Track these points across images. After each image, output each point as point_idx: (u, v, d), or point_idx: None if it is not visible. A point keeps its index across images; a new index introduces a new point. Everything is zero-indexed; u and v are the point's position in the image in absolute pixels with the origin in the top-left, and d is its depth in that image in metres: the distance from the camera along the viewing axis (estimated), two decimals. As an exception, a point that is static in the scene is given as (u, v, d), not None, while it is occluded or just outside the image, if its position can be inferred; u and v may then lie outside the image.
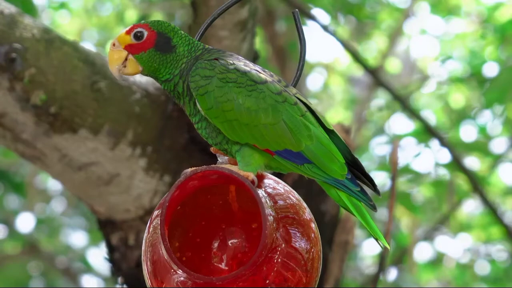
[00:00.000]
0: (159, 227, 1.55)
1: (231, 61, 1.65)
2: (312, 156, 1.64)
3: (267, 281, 1.57)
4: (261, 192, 1.61)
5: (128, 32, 1.66)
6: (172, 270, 1.57)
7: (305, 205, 1.68)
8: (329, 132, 1.68)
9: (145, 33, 1.66)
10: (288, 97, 1.65)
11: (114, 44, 1.66)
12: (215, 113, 1.62)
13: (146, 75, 1.68)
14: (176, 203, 1.59)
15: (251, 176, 1.60)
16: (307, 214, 1.66)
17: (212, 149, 1.73)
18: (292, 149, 1.63)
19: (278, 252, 1.58)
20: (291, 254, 1.59)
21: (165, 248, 1.53)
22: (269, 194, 1.65)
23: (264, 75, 1.65)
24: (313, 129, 1.65)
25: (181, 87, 1.66)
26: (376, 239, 1.67)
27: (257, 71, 1.65)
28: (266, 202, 1.59)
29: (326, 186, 1.67)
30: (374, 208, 1.67)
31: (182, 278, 1.56)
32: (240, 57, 1.68)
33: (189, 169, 1.60)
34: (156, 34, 1.66)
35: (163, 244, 1.53)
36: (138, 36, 1.66)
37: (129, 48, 1.66)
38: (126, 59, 1.66)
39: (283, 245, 1.59)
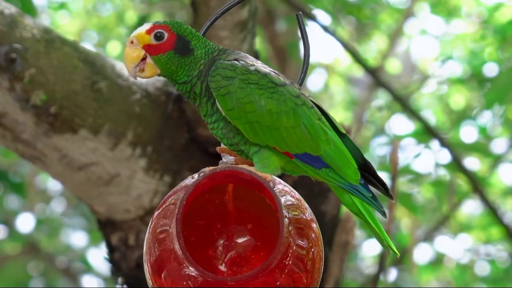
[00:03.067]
0: (174, 224, 1.53)
1: (250, 62, 1.63)
2: (330, 160, 1.63)
3: (278, 283, 1.57)
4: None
5: (148, 32, 1.62)
6: (183, 267, 1.56)
7: (306, 205, 1.67)
8: (342, 135, 1.67)
9: (166, 35, 1.62)
10: (306, 101, 1.64)
11: (132, 42, 1.62)
12: (237, 114, 1.60)
13: (162, 76, 1.65)
14: (189, 202, 1.58)
15: (269, 177, 1.59)
16: (308, 214, 1.66)
17: (218, 149, 1.72)
18: (311, 153, 1.63)
19: (289, 255, 1.58)
20: (295, 256, 1.59)
21: (180, 247, 1.52)
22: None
23: (282, 78, 1.64)
24: (329, 133, 1.64)
25: (199, 87, 1.63)
26: (386, 247, 1.67)
27: (275, 73, 1.65)
28: (283, 205, 1.58)
29: (340, 191, 1.66)
30: (384, 214, 1.66)
31: (193, 275, 1.55)
32: (254, 59, 1.67)
33: (207, 168, 1.59)
34: (176, 36, 1.63)
35: (179, 243, 1.52)
36: (158, 37, 1.62)
37: (148, 48, 1.62)
38: (143, 59, 1.62)
39: (294, 247, 1.59)
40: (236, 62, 1.62)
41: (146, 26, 1.63)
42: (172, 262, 1.57)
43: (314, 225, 1.65)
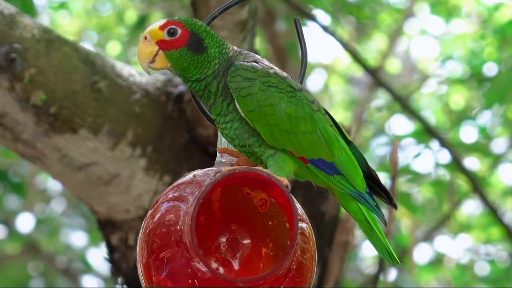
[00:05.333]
0: (187, 221, 1.51)
1: (269, 65, 1.63)
2: (342, 167, 1.64)
3: (281, 286, 1.57)
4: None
5: (162, 28, 1.62)
6: (188, 265, 1.55)
7: (297, 205, 1.67)
8: (348, 143, 1.68)
9: (179, 31, 1.62)
10: (320, 107, 1.65)
11: (145, 38, 1.62)
12: (257, 116, 1.60)
13: (173, 72, 1.65)
14: (205, 200, 1.57)
15: (285, 181, 1.59)
16: (299, 214, 1.65)
17: (219, 149, 1.71)
18: (325, 159, 1.63)
19: (294, 260, 1.58)
20: (299, 260, 1.59)
21: (193, 245, 1.50)
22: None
23: (298, 83, 1.65)
24: (340, 140, 1.65)
25: (215, 86, 1.62)
26: (387, 255, 1.67)
27: (292, 78, 1.65)
28: (298, 209, 1.58)
29: (347, 199, 1.66)
30: (385, 223, 1.67)
31: (198, 274, 1.55)
32: (269, 62, 1.66)
33: (225, 168, 1.59)
34: (190, 33, 1.62)
35: (192, 240, 1.50)
36: (171, 33, 1.62)
37: (161, 43, 1.61)
38: (156, 54, 1.62)
39: (299, 251, 1.59)
40: (256, 64, 1.62)
41: (160, 22, 1.63)
42: (178, 260, 1.56)
43: (305, 225, 1.65)
